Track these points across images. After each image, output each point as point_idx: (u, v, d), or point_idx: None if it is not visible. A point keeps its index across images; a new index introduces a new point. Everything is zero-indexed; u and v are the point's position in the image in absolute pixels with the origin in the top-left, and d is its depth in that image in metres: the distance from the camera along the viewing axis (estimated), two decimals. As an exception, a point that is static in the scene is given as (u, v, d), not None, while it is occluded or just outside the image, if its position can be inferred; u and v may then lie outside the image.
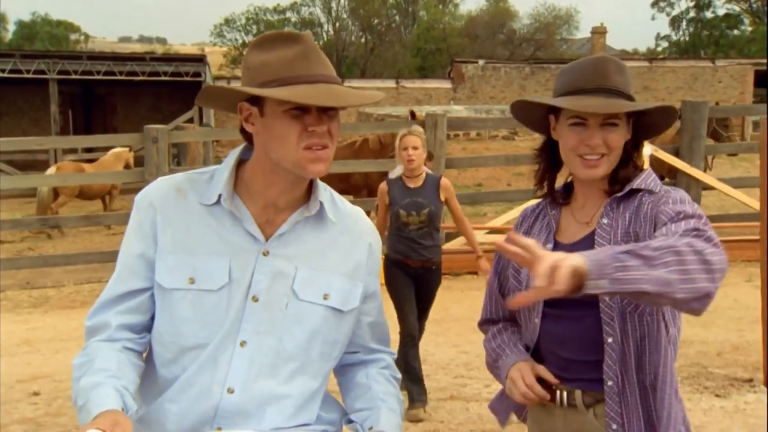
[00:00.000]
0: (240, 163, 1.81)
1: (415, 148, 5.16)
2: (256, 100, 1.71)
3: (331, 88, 1.67)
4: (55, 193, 13.11)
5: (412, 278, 5.30)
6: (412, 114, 12.30)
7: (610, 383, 1.86)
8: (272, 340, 1.74)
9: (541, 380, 1.97)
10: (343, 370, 1.94)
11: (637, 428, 1.85)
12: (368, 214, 11.90)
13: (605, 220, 1.91)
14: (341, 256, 1.82)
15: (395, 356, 2.05)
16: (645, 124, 1.98)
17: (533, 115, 2.05)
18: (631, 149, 1.97)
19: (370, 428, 1.79)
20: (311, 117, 1.67)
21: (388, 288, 5.23)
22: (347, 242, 1.84)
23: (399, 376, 2.01)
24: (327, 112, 1.69)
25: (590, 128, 1.89)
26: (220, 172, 1.79)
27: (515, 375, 1.97)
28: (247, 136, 1.78)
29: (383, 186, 5.41)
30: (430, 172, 5.46)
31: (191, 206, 1.76)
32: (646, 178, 1.95)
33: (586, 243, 1.90)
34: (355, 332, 1.90)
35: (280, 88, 1.64)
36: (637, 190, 1.92)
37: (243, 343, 1.72)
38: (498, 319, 2.17)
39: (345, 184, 11.02)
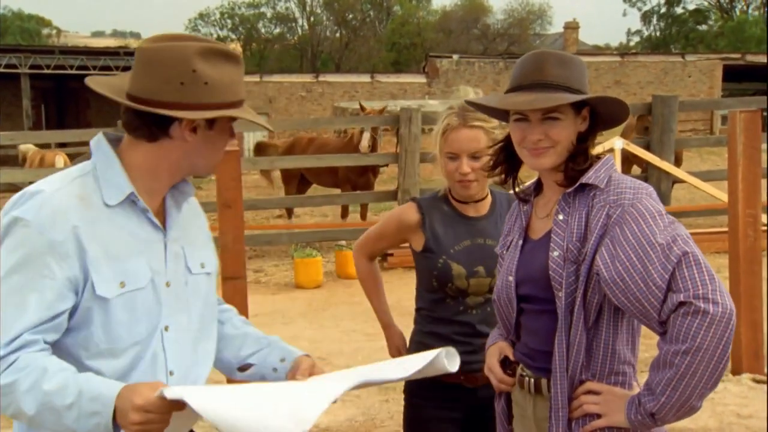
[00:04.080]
0: None
1: (474, 156, 2.46)
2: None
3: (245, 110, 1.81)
4: None
5: (464, 417, 2.56)
6: (362, 108, 12.17)
7: (553, 373, 1.89)
8: (184, 317, 1.85)
9: (509, 364, 2.08)
10: None
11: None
12: (366, 208, 12.03)
13: (561, 216, 1.89)
14: (198, 227, 1.98)
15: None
16: (602, 116, 1.94)
17: (495, 111, 2.05)
18: (579, 142, 1.90)
19: (282, 359, 1.94)
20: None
21: None
22: (196, 215, 1.99)
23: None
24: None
25: (532, 123, 1.87)
26: (105, 169, 1.75)
27: (489, 361, 2.12)
28: (143, 133, 1.74)
29: (410, 212, 2.61)
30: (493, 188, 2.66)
31: (99, 211, 1.72)
32: (598, 170, 1.88)
33: (548, 239, 1.91)
34: None
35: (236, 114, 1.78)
36: (589, 185, 1.87)
37: (167, 328, 1.80)
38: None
39: (335, 178, 11.18)
